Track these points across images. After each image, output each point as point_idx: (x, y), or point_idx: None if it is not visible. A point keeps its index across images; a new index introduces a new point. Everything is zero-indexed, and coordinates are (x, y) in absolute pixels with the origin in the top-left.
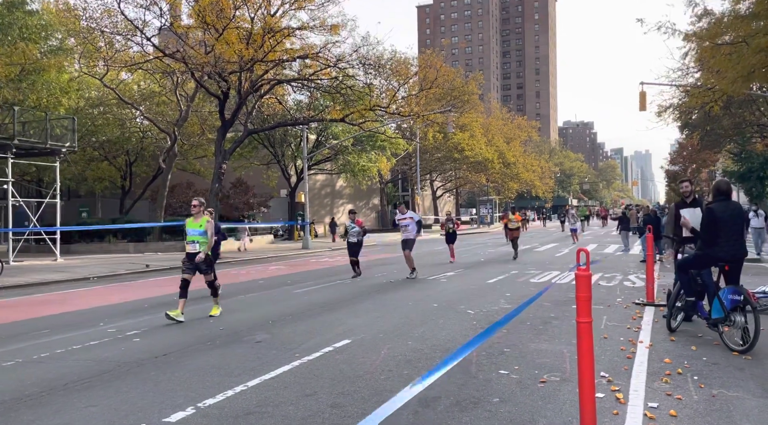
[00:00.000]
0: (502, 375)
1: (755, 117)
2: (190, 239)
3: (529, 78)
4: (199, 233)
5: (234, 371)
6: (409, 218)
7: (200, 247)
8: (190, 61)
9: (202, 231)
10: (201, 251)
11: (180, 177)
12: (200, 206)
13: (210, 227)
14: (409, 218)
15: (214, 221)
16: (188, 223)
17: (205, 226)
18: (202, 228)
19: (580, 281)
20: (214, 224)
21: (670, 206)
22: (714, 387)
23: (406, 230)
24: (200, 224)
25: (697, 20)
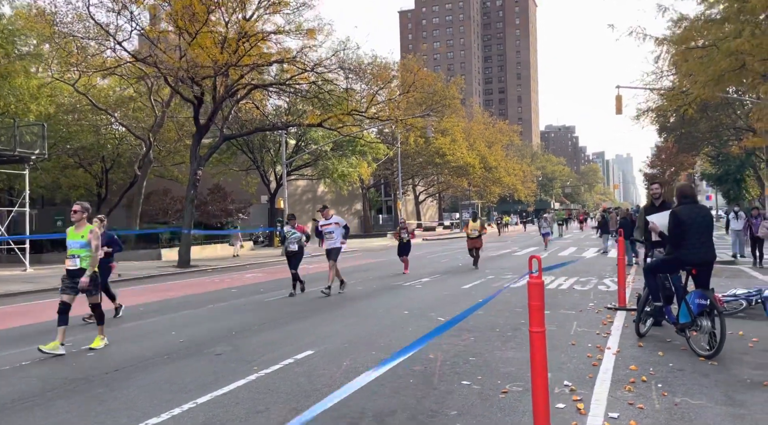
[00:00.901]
0: (463, 386)
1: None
2: (70, 253)
3: (510, 83)
4: (80, 245)
5: (187, 386)
6: (334, 223)
7: (82, 262)
8: (162, 66)
9: (84, 243)
10: (83, 267)
11: (157, 184)
12: (82, 211)
13: (94, 237)
14: (333, 224)
15: (104, 231)
16: (69, 233)
17: (88, 237)
18: (84, 239)
19: (533, 289)
20: (100, 235)
21: (640, 209)
22: (677, 394)
23: (330, 237)
24: (82, 234)
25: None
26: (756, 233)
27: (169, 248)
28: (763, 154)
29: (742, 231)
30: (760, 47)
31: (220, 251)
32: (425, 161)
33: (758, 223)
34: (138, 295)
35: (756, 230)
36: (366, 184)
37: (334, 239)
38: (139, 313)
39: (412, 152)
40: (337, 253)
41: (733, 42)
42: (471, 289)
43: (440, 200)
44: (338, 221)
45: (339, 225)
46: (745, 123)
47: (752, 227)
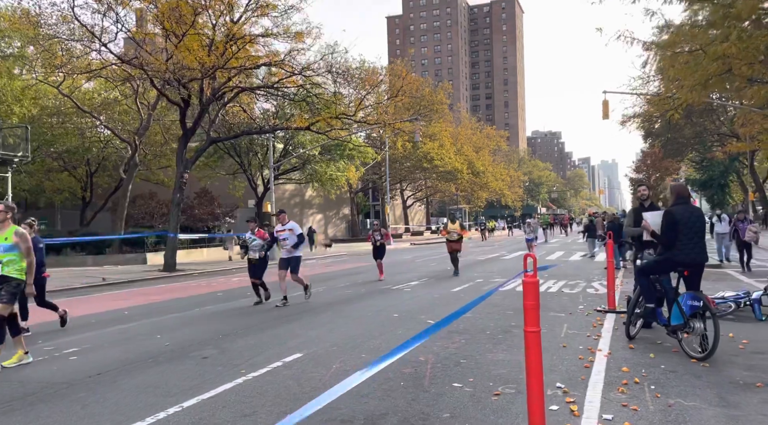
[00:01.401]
0: (455, 388)
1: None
2: None
3: (497, 88)
4: (3, 248)
5: (172, 390)
6: (289, 230)
7: (4, 268)
8: (149, 68)
9: (9, 246)
10: (6, 274)
11: (143, 188)
12: (5, 211)
13: (23, 240)
14: (288, 231)
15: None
16: None
17: (13, 239)
18: (9, 242)
19: (528, 288)
20: (31, 238)
21: (629, 211)
22: (671, 396)
23: (285, 244)
24: (5, 236)
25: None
26: (743, 237)
27: (154, 253)
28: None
29: (727, 235)
30: (747, 51)
31: (207, 255)
32: (413, 166)
33: (744, 227)
34: (123, 299)
35: (743, 235)
36: (354, 188)
37: (291, 247)
38: (124, 317)
39: (400, 157)
40: (297, 263)
41: (720, 46)
42: (461, 292)
43: (428, 204)
44: (293, 228)
45: (293, 233)
46: (729, 129)
47: (739, 232)
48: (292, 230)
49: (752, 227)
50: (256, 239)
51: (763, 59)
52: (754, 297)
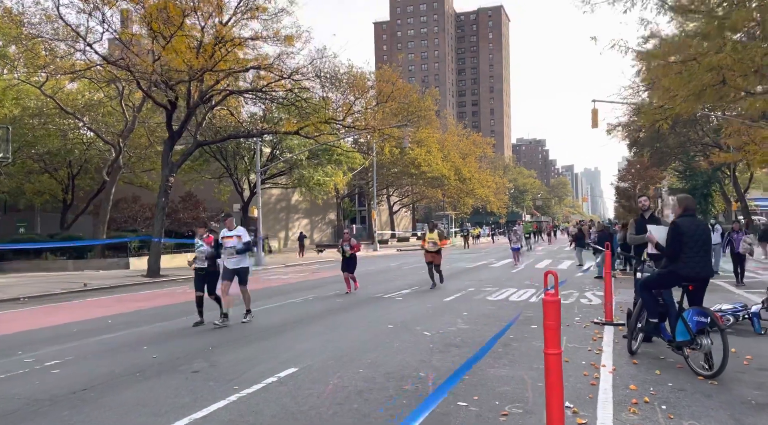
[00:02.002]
0: (460, 408)
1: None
2: None
3: (483, 95)
4: None
5: (161, 409)
6: (236, 236)
7: None
8: (135, 70)
9: None
10: None
11: (126, 191)
12: None
13: None
14: (236, 238)
15: None
16: None
17: None
18: None
19: (548, 307)
20: None
21: (630, 222)
22: (684, 417)
23: (232, 253)
24: None
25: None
26: (737, 249)
27: (137, 257)
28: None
29: (719, 246)
30: (742, 62)
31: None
32: (400, 172)
33: (739, 238)
34: (105, 306)
35: (737, 247)
36: (341, 193)
37: (238, 257)
38: (108, 326)
39: (388, 162)
40: (245, 274)
41: (714, 57)
42: (453, 301)
43: (414, 210)
44: (240, 235)
45: (241, 239)
46: (712, 139)
47: (733, 244)
48: (240, 236)
49: (747, 238)
50: (205, 246)
51: (757, 70)
52: (753, 310)
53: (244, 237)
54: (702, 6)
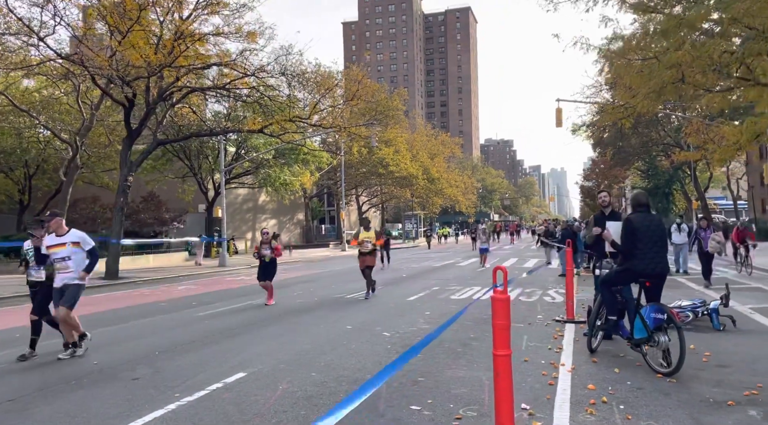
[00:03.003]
0: (413, 412)
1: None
2: None
3: (452, 96)
4: None
5: (91, 420)
6: (71, 243)
7: None
8: (90, 65)
9: None
10: None
11: (86, 191)
12: None
13: None
14: (70, 245)
15: None
16: None
17: None
18: None
19: (498, 305)
20: None
21: (590, 219)
22: (642, 417)
23: (65, 268)
24: None
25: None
26: (705, 248)
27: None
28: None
29: (685, 245)
30: (700, 59)
31: (153, 261)
32: (368, 171)
33: (707, 236)
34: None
35: (705, 246)
36: (309, 193)
37: (70, 271)
38: (54, 332)
39: (356, 162)
40: (74, 295)
41: (674, 54)
42: (416, 301)
43: (383, 210)
44: (78, 240)
45: (81, 247)
46: (673, 139)
47: (701, 242)
48: (78, 242)
49: (716, 236)
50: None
51: (716, 68)
52: (712, 307)
53: (85, 244)
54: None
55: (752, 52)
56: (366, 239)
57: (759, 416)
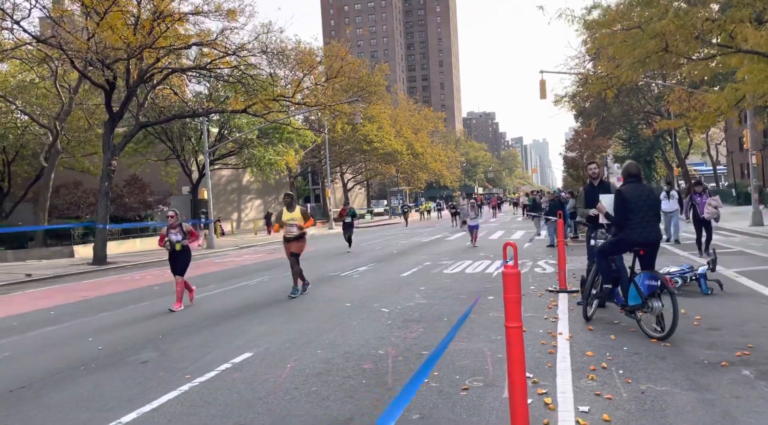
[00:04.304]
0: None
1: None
2: None
3: (433, 70)
4: None
5: (108, 403)
6: None
7: None
8: (68, 48)
9: None
10: None
11: (67, 176)
12: None
13: None
14: None
15: None
16: None
17: None
18: None
19: (509, 280)
20: None
21: (580, 191)
22: (641, 381)
23: None
24: None
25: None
26: (701, 214)
27: (82, 245)
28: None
29: (675, 213)
30: (684, 28)
31: (140, 245)
32: (353, 148)
33: (703, 202)
34: (49, 297)
35: (701, 211)
36: (293, 172)
37: None
38: (51, 318)
39: (340, 140)
40: None
41: (657, 24)
42: (410, 277)
43: (368, 187)
44: None
45: None
46: (654, 107)
47: (696, 207)
48: None
49: (712, 200)
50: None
51: (698, 36)
52: (700, 272)
53: None
54: None
55: (734, 19)
56: (290, 222)
57: (752, 375)
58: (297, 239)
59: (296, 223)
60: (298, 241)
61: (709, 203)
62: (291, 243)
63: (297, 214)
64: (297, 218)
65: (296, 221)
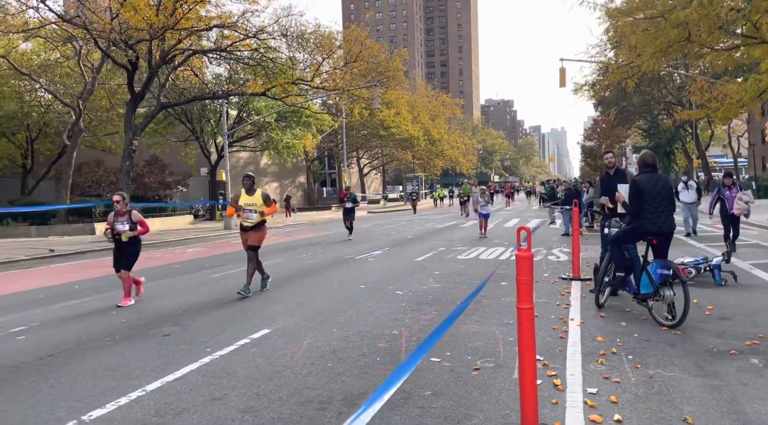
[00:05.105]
0: (433, 364)
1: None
2: None
3: (452, 56)
4: None
5: (132, 372)
6: None
7: None
8: (92, 28)
9: None
10: None
11: (89, 155)
12: None
13: None
14: None
15: None
16: None
17: None
18: None
19: (522, 262)
20: None
21: (596, 180)
22: (650, 366)
23: None
24: None
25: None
26: (730, 209)
27: (103, 223)
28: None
29: (694, 204)
30: (708, 18)
31: (159, 224)
32: (370, 134)
33: (733, 196)
34: (72, 272)
35: (730, 207)
36: (310, 156)
37: None
38: (75, 291)
39: (357, 124)
40: None
41: (681, 13)
42: (425, 261)
43: (384, 172)
44: None
45: None
46: (675, 97)
47: (725, 202)
48: None
49: (743, 195)
50: None
51: (722, 26)
52: (714, 263)
53: None
54: None
55: (759, 10)
56: (249, 207)
57: (761, 363)
58: (256, 229)
59: (255, 208)
60: (256, 231)
61: (740, 197)
62: (249, 233)
63: (257, 198)
64: (258, 203)
65: (256, 207)
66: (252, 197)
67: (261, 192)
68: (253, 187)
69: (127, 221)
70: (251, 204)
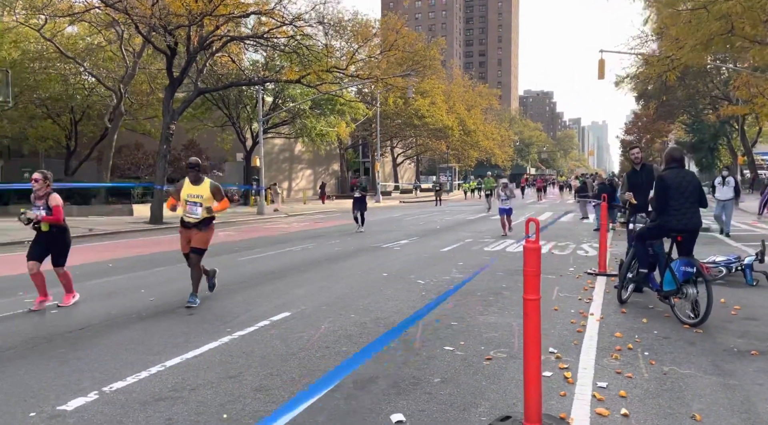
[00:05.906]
0: (446, 352)
1: (708, 89)
2: None
3: (491, 45)
4: None
5: (155, 347)
6: None
7: None
8: (133, 13)
9: None
10: None
11: (129, 138)
12: None
13: None
14: None
15: None
16: None
17: None
18: None
19: (529, 254)
20: None
21: (623, 176)
22: (665, 363)
23: None
24: None
25: None
26: None
27: (141, 204)
28: (737, 123)
29: (730, 202)
30: (752, 11)
31: None
32: (404, 123)
33: None
34: (108, 250)
35: None
36: (344, 144)
37: None
38: (109, 269)
39: (391, 113)
40: None
41: (724, 5)
42: (450, 252)
43: (418, 162)
44: None
45: None
46: (721, 92)
47: None
48: None
49: None
50: None
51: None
52: (746, 262)
53: None
54: None
55: None
56: (193, 199)
57: None
58: (201, 227)
59: (201, 202)
60: (201, 229)
61: None
62: (191, 231)
63: (204, 190)
64: (204, 195)
65: (202, 200)
66: (197, 187)
67: (210, 183)
68: (199, 176)
69: (44, 206)
70: (196, 196)
